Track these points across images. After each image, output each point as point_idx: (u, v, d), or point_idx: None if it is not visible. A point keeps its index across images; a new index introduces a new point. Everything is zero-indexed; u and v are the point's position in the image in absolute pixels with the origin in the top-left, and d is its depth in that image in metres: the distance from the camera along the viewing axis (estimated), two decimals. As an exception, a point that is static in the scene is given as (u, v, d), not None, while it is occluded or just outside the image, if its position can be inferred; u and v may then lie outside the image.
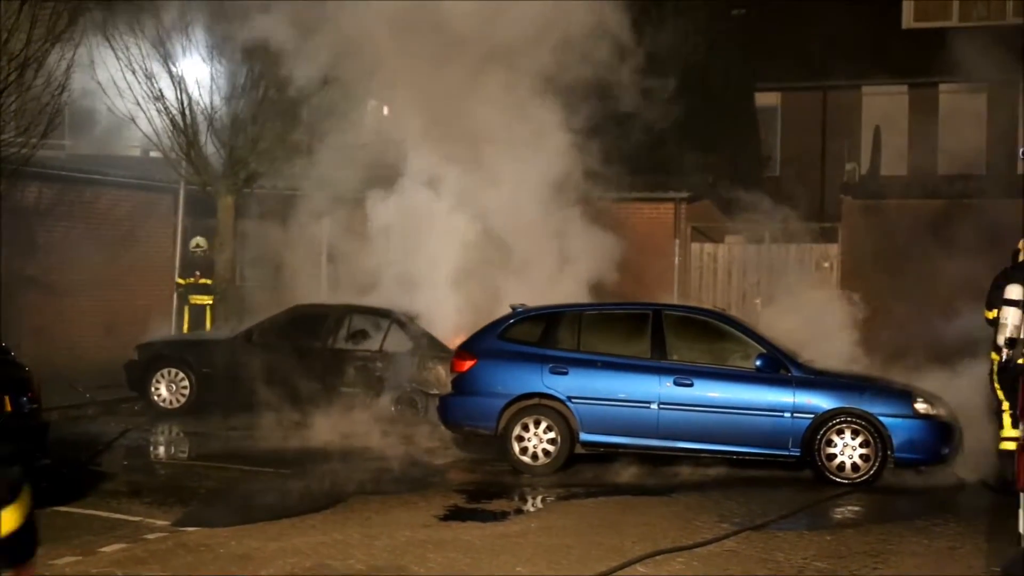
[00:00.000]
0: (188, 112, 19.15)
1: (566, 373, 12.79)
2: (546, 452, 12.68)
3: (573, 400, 12.69)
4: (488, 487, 11.78)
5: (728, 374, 12.66)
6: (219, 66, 19.15)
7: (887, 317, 14.79)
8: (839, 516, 10.85)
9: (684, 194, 22.29)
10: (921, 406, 12.22)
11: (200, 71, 19.28)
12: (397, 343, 15.87)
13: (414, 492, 11.18)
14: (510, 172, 16.35)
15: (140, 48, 18.77)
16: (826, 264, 21.16)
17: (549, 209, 16.59)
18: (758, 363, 12.47)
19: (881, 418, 12.05)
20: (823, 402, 12.23)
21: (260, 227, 20.25)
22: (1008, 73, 27.13)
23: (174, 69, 19.07)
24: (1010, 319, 11.34)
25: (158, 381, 16.58)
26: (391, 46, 16.55)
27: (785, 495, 11.31)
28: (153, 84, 18.95)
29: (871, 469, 11.95)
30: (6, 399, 9.65)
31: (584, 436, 12.68)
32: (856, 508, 11.09)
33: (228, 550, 8.54)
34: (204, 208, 20.96)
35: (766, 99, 29.31)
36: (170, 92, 19.09)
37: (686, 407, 12.44)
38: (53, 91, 16.51)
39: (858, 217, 21.58)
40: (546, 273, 16.07)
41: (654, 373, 12.61)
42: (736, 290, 21.86)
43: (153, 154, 20.87)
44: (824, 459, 12.04)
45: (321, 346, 16.23)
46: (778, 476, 12.34)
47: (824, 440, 12.06)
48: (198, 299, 20.00)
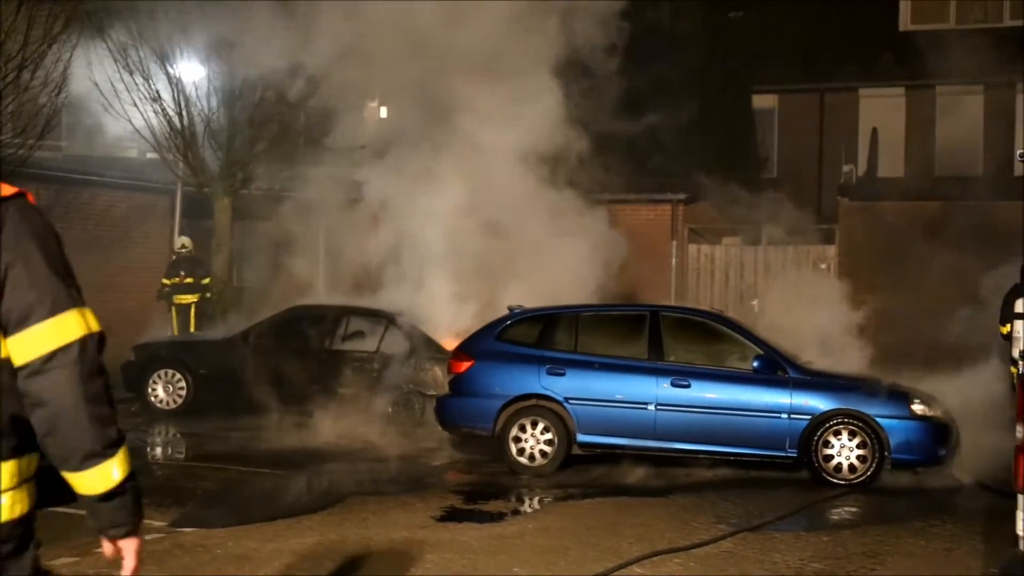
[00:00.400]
0: (185, 113, 19.17)
1: (563, 374, 12.79)
2: (543, 453, 12.68)
3: (570, 401, 12.70)
4: (485, 488, 11.78)
5: (725, 375, 12.66)
6: (216, 68, 19.15)
7: (884, 318, 14.80)
8: (836, 517, 10.85)
9: (681, 196, 22.31)
10: (918, 407, 12.23)
11: (197, 73, 19.28)
12: (394, 344, 15.87)
13: (411, 493, 11.18)
14: (507, 174, 16.36)
15: (137, 49, 18.78)
16: (823, 265, 21.17)
17: (546, 211, 16.59)
18: (755, 364, 12.48)
19: (878, 419, 12.06)
20: (820, 403, 12.23)
21: (257, 228, 20.27)
22: (1005, 75, 27.19)
23: (171, 70, 19.07)
24: (1023, 332, 11.36)
25: (155, 382, 16.59)
26: (388, 47, 16.56)
27: (782, 496, 11.30)
28: (150, 85, 18.95)
29: (868, 470, 11.96)
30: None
31: (581, 437, 12.68)
32: (853, 509, 11.09)
33: (225, 551, 8.54)
34: (201, 209, 20.97)
35: (763, 101, 29.32)
36: (167, 93, 19.09)
37: (683, 408, 12.45)
38: (50, 92, 16.52)
39: (855, 218, 21.59)
40: (543, 274, 16.06)
41: (651, 374, 12.61)
42: (733, 291, 21.87)
43: (150, 155, 20.89)
44: (821, 460, 12.05)
45: (318, 347, 16.23)
46: (775, 477, 12.34)
47: (821, 441, 12.06)
48: (182, 299, 19.90)
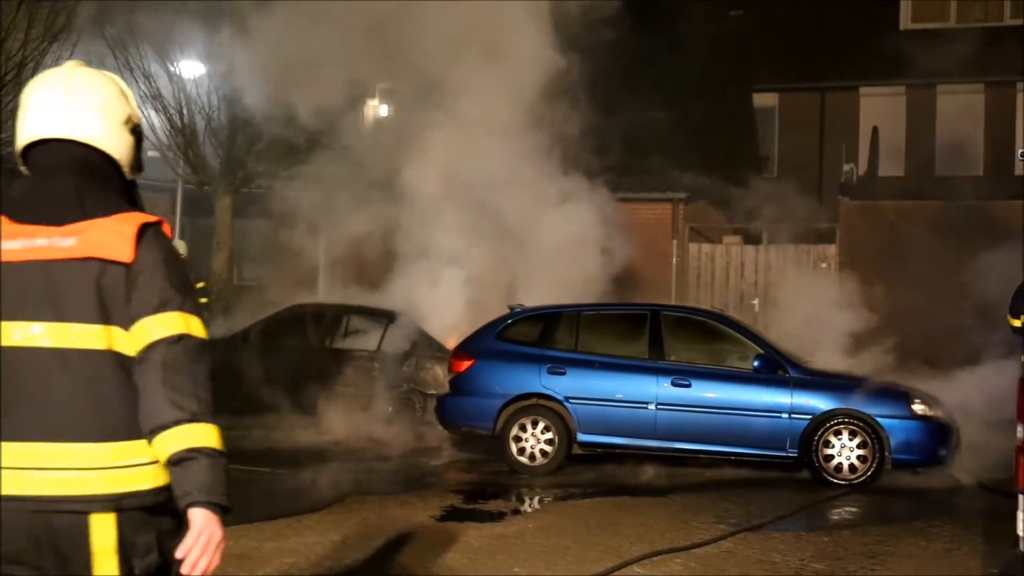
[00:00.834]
0: (186, 111, 19.16)
1: (564, 373, 12.79)
2: (543, 452, 12.67)
3: (571, 400, 12.69)
4: (485, 487, 11.78)
5: (726, 375, 12.66)
6: (216, 66, 19.15)
7: (885, 317, 14.78)
8: (836, 517, 10.85)
9: (682, 195, 22.30)
10: (918, 407, 12.23)
11: (198, 71, 19.28)
12: (395, 343, 15.87)
13: (411, 492, 11.17)
14: (507, 172, 16.36)
15: (138, 47, 18.78)
16: (824, 264, 21.16)
17: (546, 209, 16.59)
18: (756, 364, 12.47)
19: (879, 419, 12.06)
20: (821, 403, 12.23)
21: (257, 226, 20.26)
22: (1005, 74, 27.18)
23: (172, 69, 19.07)
24: None
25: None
26: (386, 46, 16.57)
27: (782, 496, 11.30)
28: (151, 83, 18.95)
29: (868, 470, 11.96)
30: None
31: (581, 436, 12.68)
32: (853, 509, 11.08)
33: (224, 549, 8.51)
34: (201, 207, 20.96)
35: (764, 100, 29.31)
36: (168, 91, 19.09)
37: (684, 408, 12.45)
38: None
39: (856, 218, 21.59)
40: (544, 273, 16.06)
41: (652, 374, 12.61)
42: (734, 291, 21.86)
43: (151, 153, 20.82)
44: (822, 460, 12.05)
45: (319, 346, 16.22)
46: (775, 477, 12.34)
47: (822, 441, 12.06)
48: None
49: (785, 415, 12.24)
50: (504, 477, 12.42)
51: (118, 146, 3.45)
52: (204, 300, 19.92)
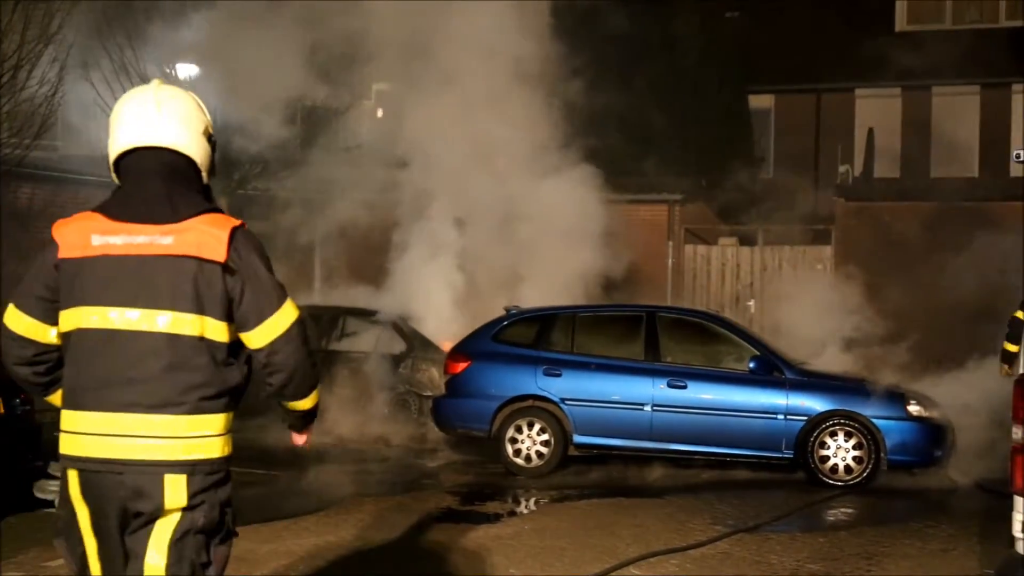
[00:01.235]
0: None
1: (560, 375, 12.79)
2: (539, 454, 12.68)
3: (567, 402, 12.70)
4: (481, 489, 11.78)
5: (721, 376, 12.68)
6: (213, 68, 19.12)
7: (881, 318, 14.79)
8: (832, 518, 10.86)
9: (677, 196, 22.30)
10: (914, 408, 12.25)
11: (194, 73, 19.25)
12: (391, 345, 15.86)
13: (407, 494, 11.17)
14: (503, 174, 16.37)
15: (134, 49, 18.74)
16: (819, 266, 21.18)
17: (542, 211, 16.60)
18: (751, 365, 12.49)
19: (874, 420, 12.08)
20: (816, 404, 12.25)
21: (253, 228, 20.19)
22: (1001, 75, 27.22)
23: (168, 71, 19.03)
24: None
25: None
26: (385, 46, 16.60)
27: (778, 497, 11.31)
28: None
29: (864, 471, 11.97)
30: (-1, 400, 9.63)
31: (577, 438, 12.69)
32: (849, 510, 11.09)
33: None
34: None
35: (759, 101, 29.31)
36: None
37: (679, 409, 12.46)
38: (46, 92, 16.50)
39: (851, 219, 21.60)
40: (539, 275, 16.07)
41: (648, 375, 12.62)
42: (729, 292, 21.87)
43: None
44: (817, 461, 12.06)
45: (315, 347, 16.21)
46: (771, 478, 12.35)
47: (817, 442, 12.08)
48: None
49: (781, 416, 12.25)
50: (500, 478, 12.43)
51: (198, 152, 4.02)
52: None
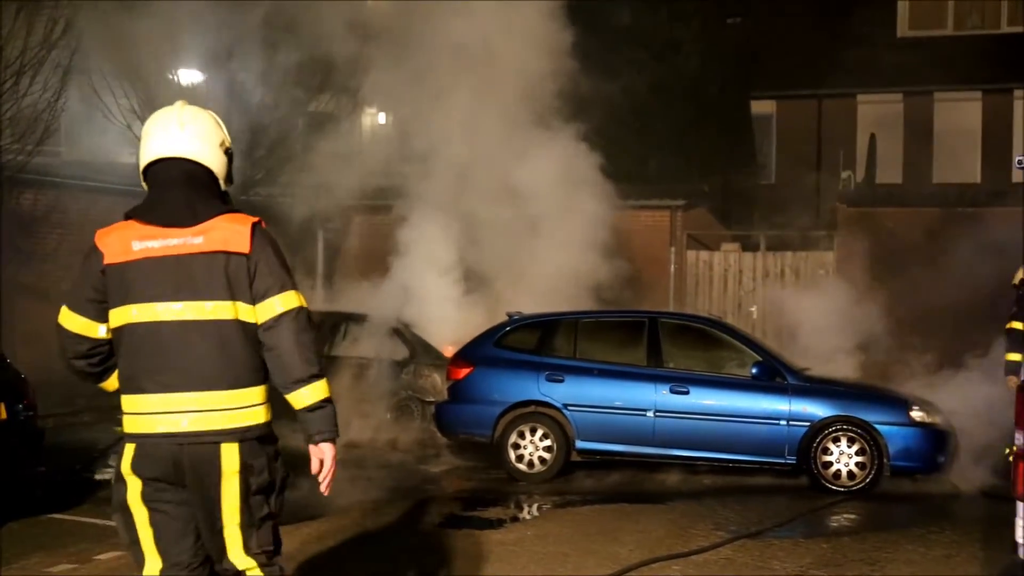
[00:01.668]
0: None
1: (562, 381, 12.79)
2: (542, 460, 12.68)
3: (569, 408, 12.70)
4: (484, 495, 11.77)
5: (724, 382, 12.67)
6: (214, 74, 19.14)
7: (883, 324, 14.79)
8: (835, 524, 10.85)
9: (680, 202, 22.29)
10: (917, 414, 12.23)
11: (195, 79, 19.26)
12: (393, 350, 15.85)
13: (409, 499, 11.16)
14: (506, 180, 16.37)
15: (136, 54, 18.74)
16: (821, 272, 21.16)
17: (545, 216, 16.61)
18: (754, 371, 12.48)
19: (877, 426, 12.06)
20: (819, 410, 12.24)
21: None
22: (1003, 81, 27.23)
23: (170, 76, 19.04)
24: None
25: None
26: (386, 51, 16.61)
27: (781, 503, 11.30)
28: (148, 91, 18.91)
29: (867, 477, 11.96)
30: (1, 406, 9.63)
31: (580, 444, 12.69)
32: (852, 516, 11.08)
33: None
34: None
35: (761, 107, 29.34)
36: (166, 99, 19.06)
37: (682, 415, 12.46)
38: (49, 98, 16.50)
39: (854, 225, 21.59)
40: (542, 280, 16.07)
41: (650, 381, 12.61)
42: (731, 298, 21.86)
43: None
44: (820, 467, 12.05)
45: (319, 349, 16.19)
46: (774, 484, 12.33)
47: (820, 448, 12.07)
48: None
49: (783, 422, 12.25)
50: (502, 484, 12.42)
51: (216, 162, 4.62)
52: None
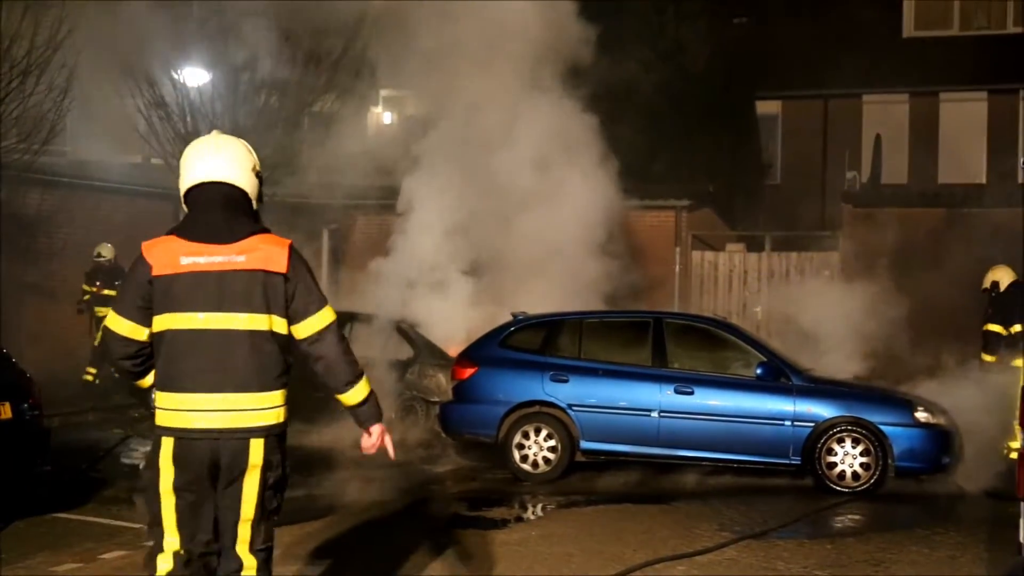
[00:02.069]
0: (190, 119, 19.15)
1: (567, 381, 12.79)
2: (546, 460, 12.68)
3: (574, 408, 12.70)
4: (488, 495, 11.77)
5: (729, 382, 12.66)
6: (220, 73, 19.16)
7: (888, 325, 14.79)
8: (839, 525, 10.85)
9: (685, 202, 22.29)
10: (922, 415, 12.22)
11: (202, 78, 19.29)
12: (398, 350, 15.86)
13: (414, 500, 11.17)
14: (511, 180, 16.38)
15: (142, 55, 18.76)
16: (826, 272, 21.15)
17: (550, 217, 16.61)
18: (759, 371, 12.47)
19: (882, 427, 12.05)
20: (824, 410, 12.23)
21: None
22: (1008, 81, 27.20)
23: (176, 76, 19.07)
24: None
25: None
26: (391, 50, 16.62)
27: (785, 503, 11.30)
28: (155, 91, 18.95)
29: (872, 478, 11.95)
30: (7, 405, 9.65)
31: (585, 444, 12.69)
32: (856, 517, 11.08)
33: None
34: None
35: (767, 107, 29.32)
36: (172, 99, 19.07)
37: (687, 415, 12.45)
38: (55, 97, 16.53)
39: (859, 225, 21.58)
40: (547, 280, 16.07)
41: (655, 381, 12.61)
42: (737, 298, 21.86)
43: (155, 160, 20.87)
44: (825, 467, 12.04)
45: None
46: (778, 484, 12.33)
47: (825, 448, 12.06)
48: (101, 311, 18.09)
49: (788, 423, 12.24)
50: (507, 485, 12.42)
51: (249, 185, 5.26)
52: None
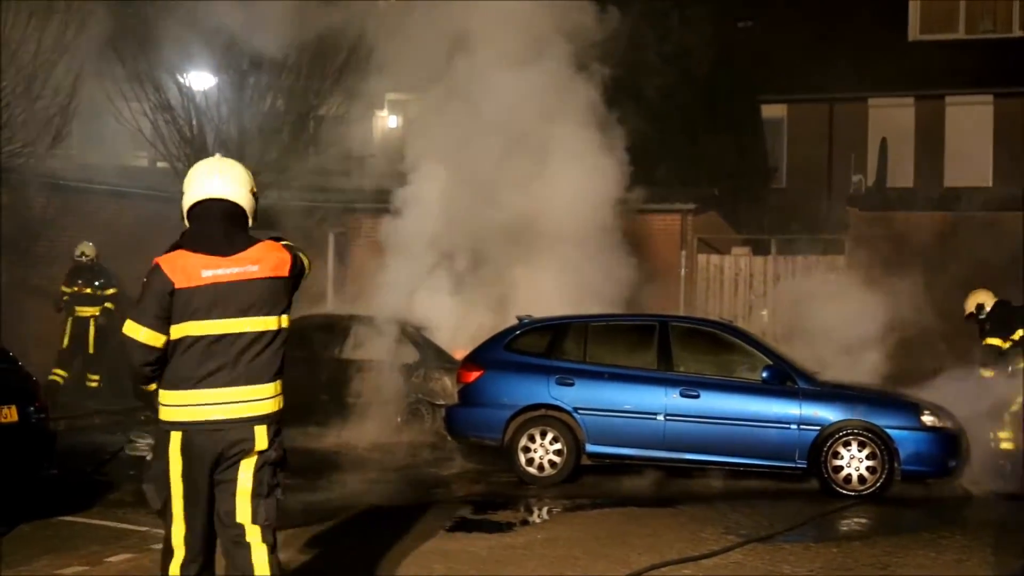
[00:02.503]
0: (195, 122, 19.17)
1: (572, 384, 12.78)
2: (552, 463, 12.67)
3: (579, 411, 12.69)
4: (494, 498, 11.76)
5: (734, 386, 12.65)
6: (226, 77, 19.17)
7: (894, 328, 14.76)
8: (845, 528, 10.83)
9: (690, 205, 22.27)
10: (928, 418, 12.21)
11: (207, 82, 19.30)
12: (404, 353, 15.86)
13: (419, 503, 11.17)
14: (517, 183, 16.38)
15: (148, 59, 18.78)
16: (832, 275, 21.11)
17: (556, 220, 16.60)
18: (764, 375, 12.46)
19: (888, 430, 12.04)
20: (830, 414, 12.21)
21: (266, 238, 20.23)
22: (1014, 85, 27.16)
23: (182, 80, 19.08)
24: None
25: (164, 391, 16.51)
26: (395, 49, 16.66)
27: (791, 507, 11.28)
28: (161, 94, 18.97)
29: (878, 481, 11.93)
30: (13, 408, 9.65)
31: (590, 447, 12.68)
32: (862, 520, 11.06)
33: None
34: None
35: (772, 111, 29.28)
36: (177, 102, 19.09)
37: (692, 419, 12.44)
38: (61, 101, 16.56)
39: (864, 229, 21.54)
40: (553, 284, 16.07)
41: (660, 384, 12.60)
42: (742, 301, 21.84)
43: (160, 164, 20.88)
44: (831, 471, 12.03)
45: (327, 356, 16.20)
46: (784, 488, 12.31)
47: (831, 452, 12.05)
48: (82, 311, 18.12)
49: (794, 426, 12.23)
50: (513, 488, 12.41)
51: (246, 202, 5.82)
52: (95, 309, 18.96)
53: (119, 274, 18.34)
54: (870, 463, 11.97)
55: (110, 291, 18.25)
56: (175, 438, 5.52)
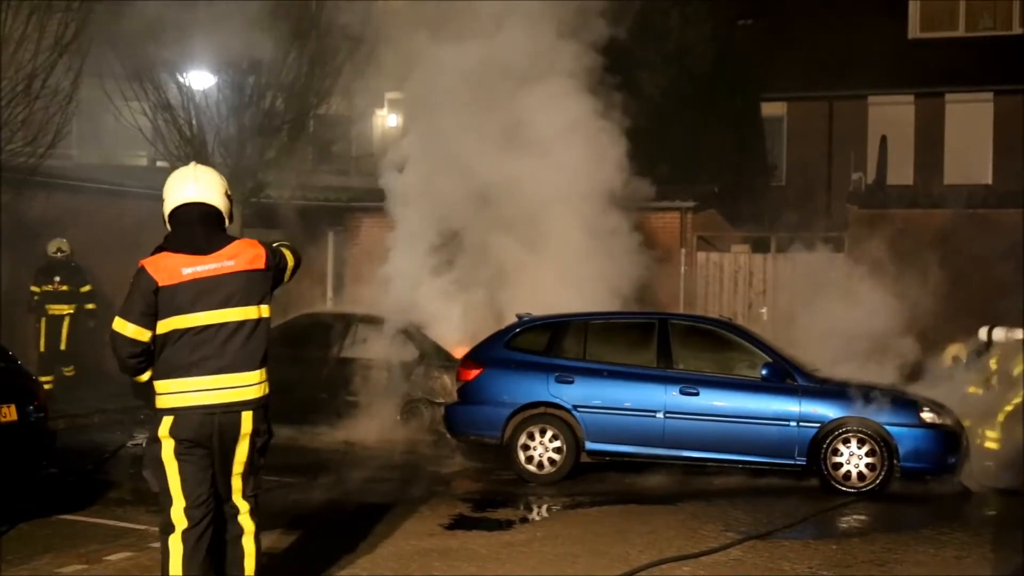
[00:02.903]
0: (195, 122, 19.18)
1: (572, 382, 12.79)
2: (552, 461, 12.68)
3: (579, 409, 12.69)
4: (493, 496, 11.77)
5: (734, 383, 12.65)
6: (226, 77, 19.18)
7: (893, 326, 14.76)
8: (845, 525, 10.83)
9: (690, 203, 22.26)
10: (927, 415, 12.21)
11: (207, 82, 19.31)
12: (403, 352, 15.87)
13: (419, 501, 11.17)
14: (516, 181, 16.37)
15: (148, 58, 18.79)
16: (832, 273, 21.10)
17: (556, 218, 16.61)
18: (764, 372, 12.47)
19: (887, 427, 12.04)
20: (829, 411, 12.22)
21: (267, 236, 20.25)
22: (1014, 83, 27.15)
23: (181, 79, 19.09)
24: None
25: (164, 390, 16.50)
26: (396, 46, 16.65)
27: (791, 504, 11.29)
28: (160, 94, 18.98)
29: (877, 478, 11.94)
30: (12, 407, 9.66)
31: (590, 445, 12.68)
32: (862, 517, 11.07)
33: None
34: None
35: (772, 109, 29.27)
36: (177, 102, 19.10)
37: (692, 416, 12.44)
38: (60, 101, 16.56)
39: (864, 226, 21.52)
40: (552, 282, 16.07)
41: (660, 382, 12.61)
42: (742, 299, 21.83)
43: (160, 164, 20.90)
44: (830, 468, 12.04)
45: (327, 355, 16.20)
46: (784, 485, 12.31)
47: (830, 449, 12.05)
48: (56, 309, 17.85)
49: (793, 423, 12.23)
50: (512, 486, 12.42)
51: (222, 204, 6.34)
52: (70, 308, 18.90)
53: (118, 274, 18.19)
54: (869, 460, 11.98)
55: (86, 288, 17.96)
56: (166, 421, 6.00)
